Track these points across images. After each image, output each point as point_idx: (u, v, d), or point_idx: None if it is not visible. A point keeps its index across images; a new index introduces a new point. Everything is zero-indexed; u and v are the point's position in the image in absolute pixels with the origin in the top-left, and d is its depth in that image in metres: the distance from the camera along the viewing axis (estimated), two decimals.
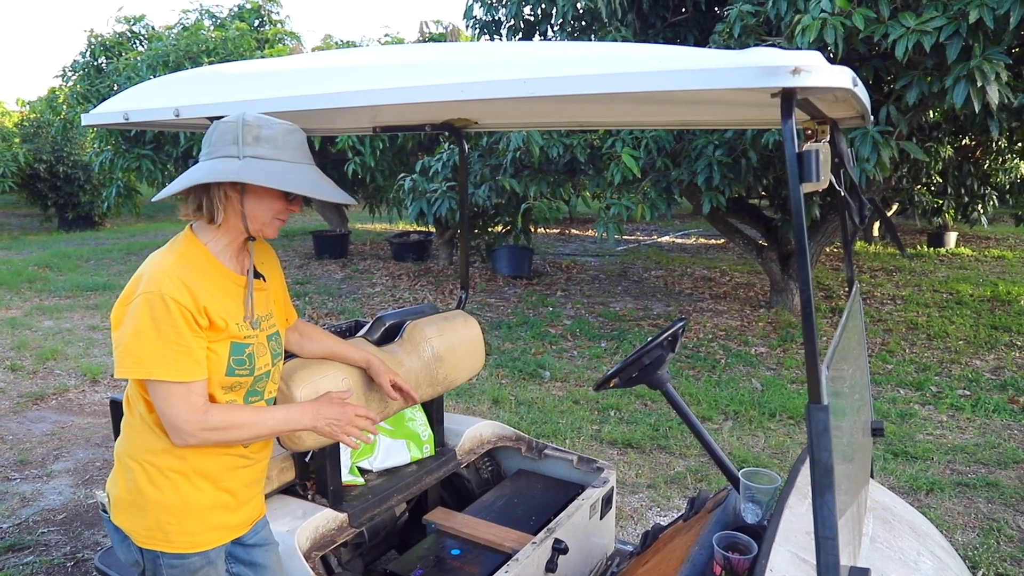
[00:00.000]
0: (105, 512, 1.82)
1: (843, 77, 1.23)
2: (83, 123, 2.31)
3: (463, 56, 1.64)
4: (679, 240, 14.90)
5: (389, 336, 2.66)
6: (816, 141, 1.62)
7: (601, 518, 2.75)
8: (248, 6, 13.82)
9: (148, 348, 1.62)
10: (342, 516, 2.36)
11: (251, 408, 1.77)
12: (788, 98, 1.21)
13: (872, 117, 1.94)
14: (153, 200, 1.69)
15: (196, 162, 1.74)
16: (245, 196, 1.70)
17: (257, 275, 1.88)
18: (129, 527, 1.77)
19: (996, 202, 9.82)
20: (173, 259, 1.69)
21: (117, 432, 2.74)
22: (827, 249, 12.38)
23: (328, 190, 1.72)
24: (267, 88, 1.87)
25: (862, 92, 1.48)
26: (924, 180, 9.12)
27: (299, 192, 1.66)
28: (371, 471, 2.70)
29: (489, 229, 10.54)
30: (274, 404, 1.96)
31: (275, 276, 1.98)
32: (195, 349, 1.66)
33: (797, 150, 1.22)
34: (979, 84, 4.26)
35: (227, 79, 2.03)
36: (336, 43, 13.55)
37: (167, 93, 2.11)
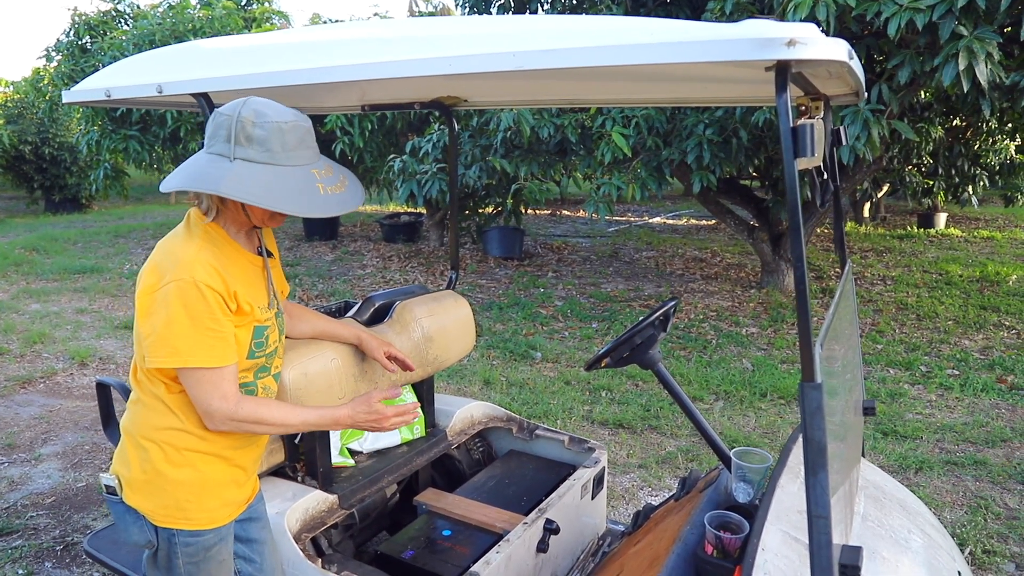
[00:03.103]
0: (114, 494, 1.80)
1: (839, 50, 1.20)
2: (64, 100, 2.26)
3: (452, 30, 1.60)
4: (670, 221, 14.89)
5: (379, 316, 2.64)
6: (810, 117, 1.60)
7: (592, 498, 2.75)
8: None
9: (183, 337, 1.61)
10: (332, 498, 2.35)
11: (280, 405, 1.76)
12: (783, 71, 1.18)
13: (865, 94, 1.92)
14: (161, 190, 1.64)
15: (203, 145, 1.69)
16: None
17: (269, 254, 1.88)
18: (147, 507, 1.77)
19: (986, 183, 9.83)
20: (198, 244, 1.66)
21: (105, 415, 2.73)
22: (818, 230, 12.39)
23: (314, 204, 1.61)
24: (251, 64, 1.83)
25: (857, 66, 1.46)
26: (915, 161, 9.12)
27: (276, 210, 1.57)
28: (361, 452, 2.69)
29: (480, 210, 10.49)
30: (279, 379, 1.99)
31: (275, 250, 1.97)
32: (228, 334, 1.66)
33: (791, 125, 1.20)
34: (967, 63, 4.24)
35: (210, 55, 1.99)
36: (325, 22, 13.39)
37: (150, 69, 2.07)
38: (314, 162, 1.66)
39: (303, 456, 2.44)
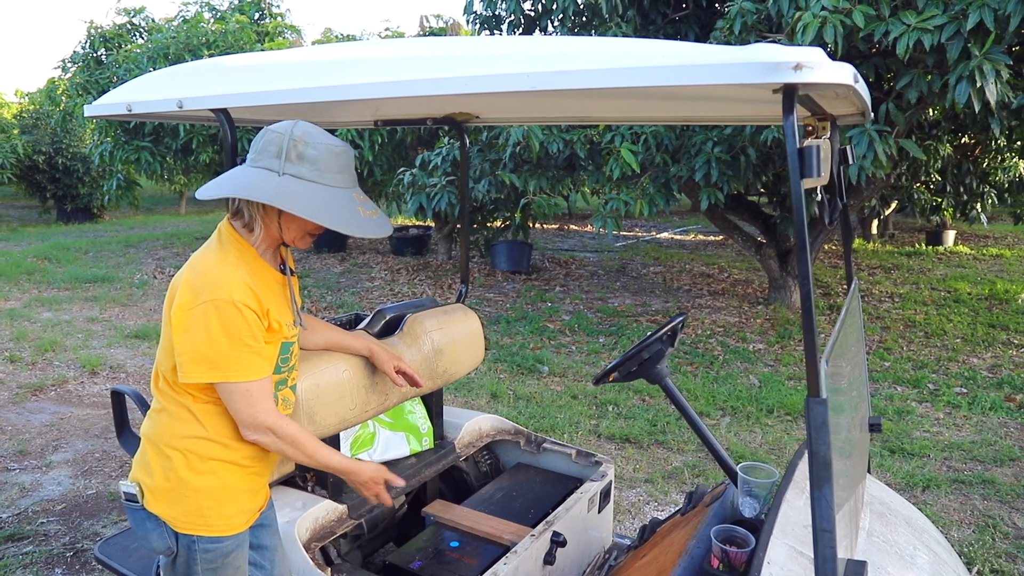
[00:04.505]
0: (134, 501, 1.83)
1: (844, 73, 1.23)
2: (85, 114, 2.31)
3: (466, 50, 1.64)
4: (678, 236, 14.91)
5: (389, 329, 2.67)
6: (816, 137, 1.63)
7: (599, 512, 2.77)
8: None
9: (223, 354, 1.66)
10: (341, 508, 2.37)
11: (316, 440, 1.82)
12: (790, 94, 1.21)
13: (872, 114, 1.95)
14: (198, 197, 1.69)
15: (244, 160, 1.75)
16: (282, 211, 1.72)
17: (291, 272, 1.93)
18: (168, 514, 1.80)
19: (995, 200, 9.84)
20: (233, 262, 1.71)
21: (119, 423, 2.76)
22: (825, 247, 12.39)
23: (357, 224, 1.70)
24: (270, 80, 1.87)
25: (862, 88, 1.49)
26: (923, 178, 9.13)
27: (326, 226, 1.66)
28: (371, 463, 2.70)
29: (488, 224, 10.54)
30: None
31: (293, 268, 2.01)
32: (262, 348, 1.73)
33: (798, 146, 1.23)
34: (979, 84, 4.26)
35: (230, 71, 2.03)
36: (336, 37, 13.54)
37: (170, 85, 2.11)
38: (353, 187, 1.75)
39: None
